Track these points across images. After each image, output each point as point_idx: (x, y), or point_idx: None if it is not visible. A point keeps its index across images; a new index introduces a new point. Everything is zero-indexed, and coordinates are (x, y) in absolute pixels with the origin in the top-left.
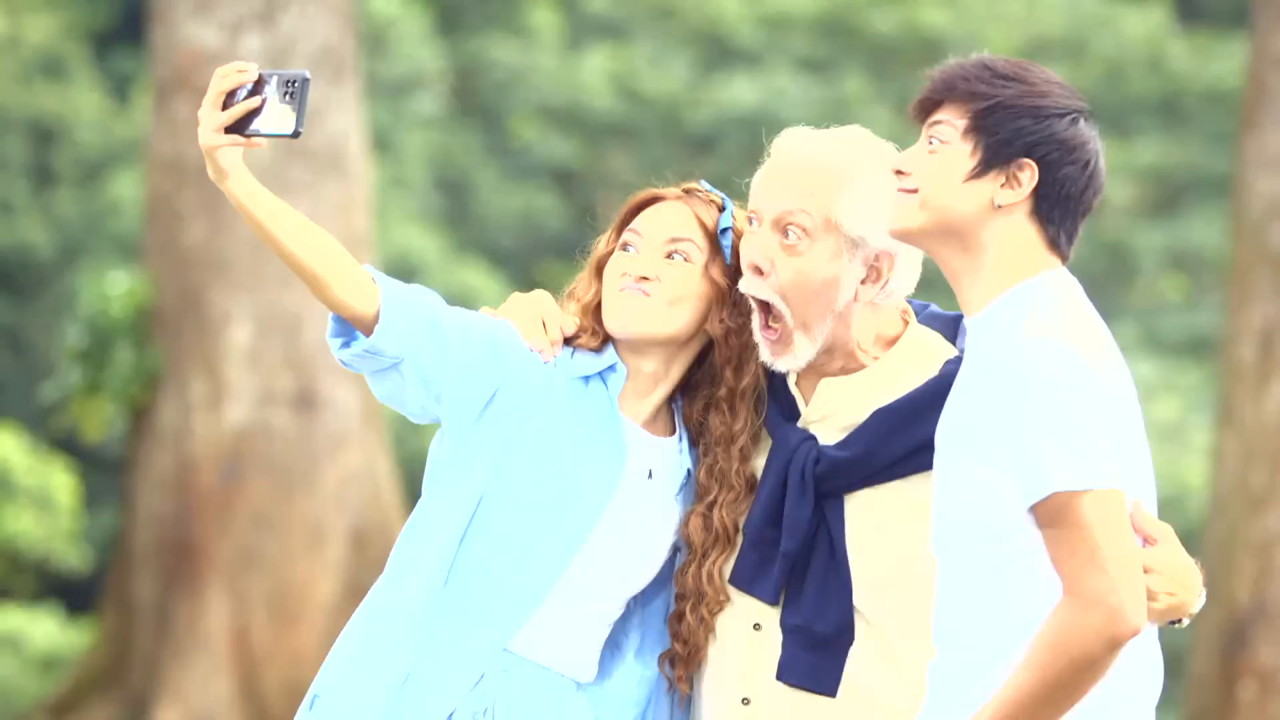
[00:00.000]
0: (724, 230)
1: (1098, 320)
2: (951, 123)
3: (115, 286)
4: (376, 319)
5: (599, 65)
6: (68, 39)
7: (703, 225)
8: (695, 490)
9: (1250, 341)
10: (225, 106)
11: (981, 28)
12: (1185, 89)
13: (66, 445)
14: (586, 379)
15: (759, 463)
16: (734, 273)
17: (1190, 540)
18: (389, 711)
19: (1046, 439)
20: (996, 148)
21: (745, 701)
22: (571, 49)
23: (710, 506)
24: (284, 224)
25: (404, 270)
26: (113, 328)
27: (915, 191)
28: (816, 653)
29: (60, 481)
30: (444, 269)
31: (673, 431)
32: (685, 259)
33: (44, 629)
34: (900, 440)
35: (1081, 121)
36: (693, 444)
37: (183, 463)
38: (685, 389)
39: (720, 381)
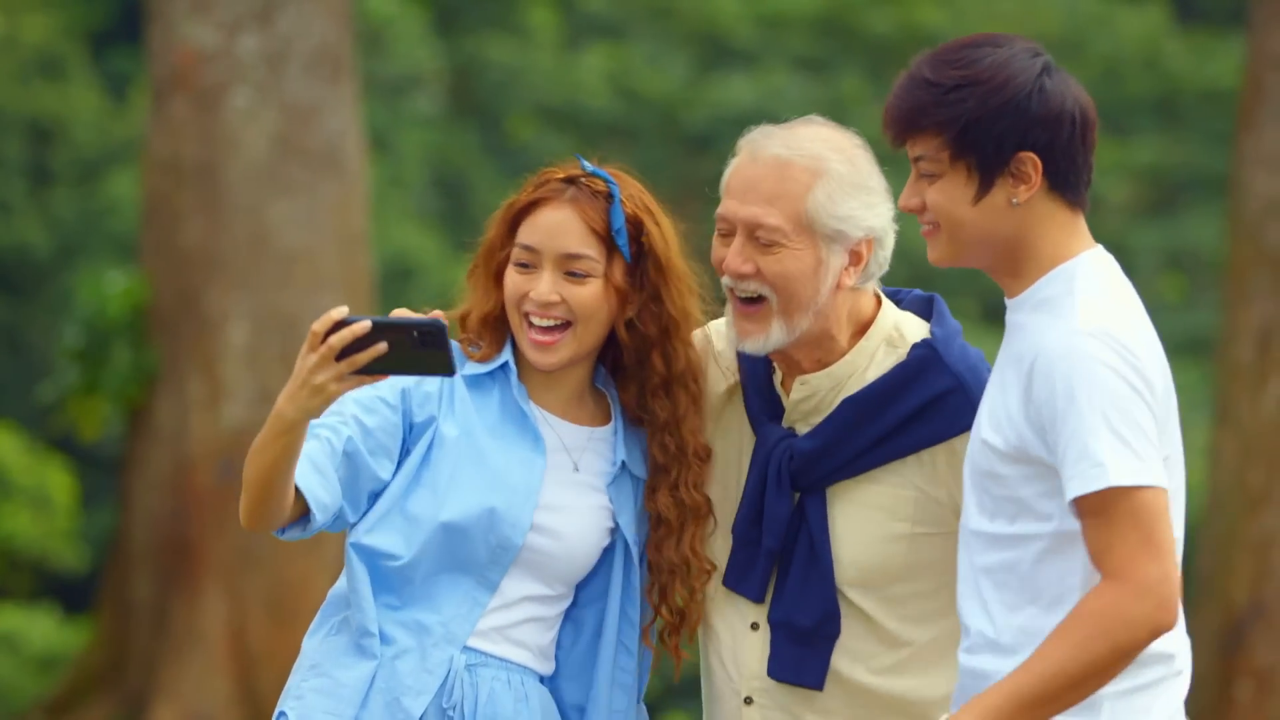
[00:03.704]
0: (618, 230)
1: (1136, 301)
2: (933, 155)
3: (112, 286)
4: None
5: (596, 65)
6: (65, 39)
7: (594, 232)
8: (652, 470)
9: (1247, 341)
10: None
11: (978, 28)
12: (1183, 88)
13: (64, 445)
14: (490, 375)
15: (714, 437)
16: (635, 261)
17: (1188, 539)
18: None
19: (1105, 432)
20: (989, 161)
21: (748, 701)
22: (569, 49)
23: (675, 485)
24: (293, 465)
25: (401, 269)
26: (110, 327)
27: (938, 225)
28: (800, 646)
29: (57, 481)
30: (441, 268)
31: (605, 420)
32: (586, 275)
33: (41, 628)
34: (869, 428)
35: (1047, 81)
36: (635, 425)
37: (180, 462)
38: (616, 375)
39: (651, 369)
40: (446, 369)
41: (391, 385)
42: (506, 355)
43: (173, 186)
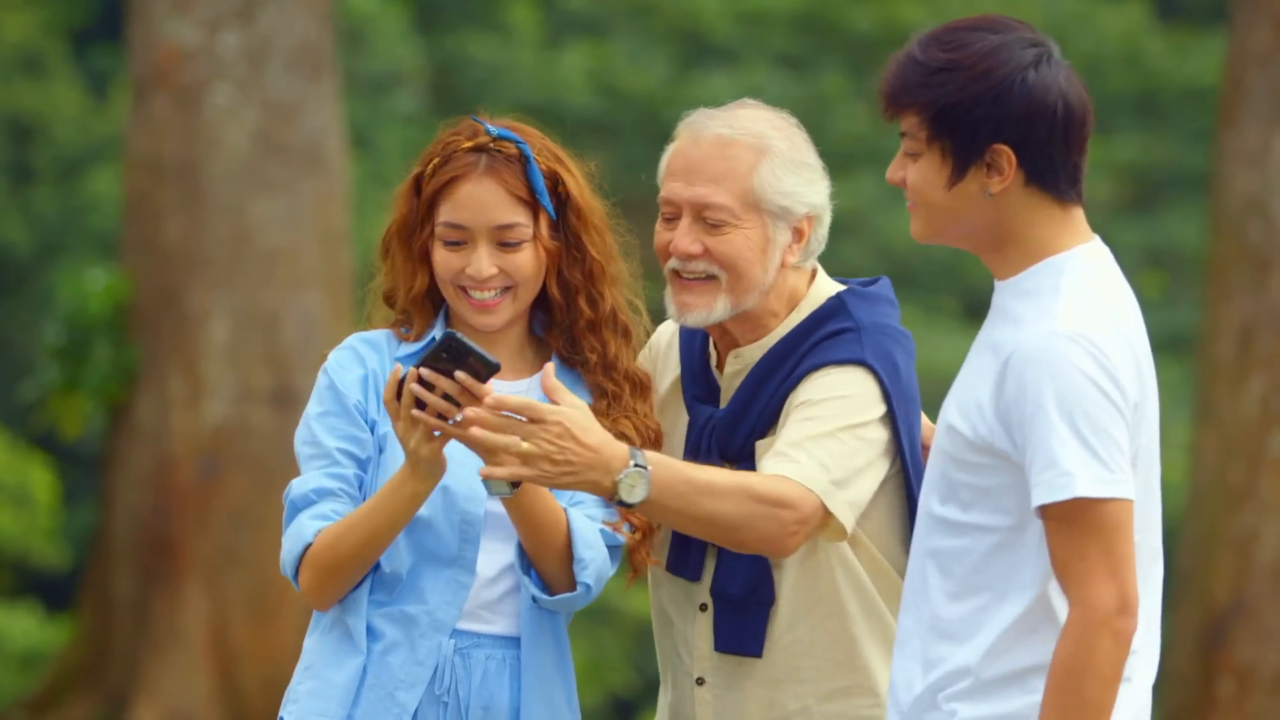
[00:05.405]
0: (540, 192)
1: (1127, 298)
2: (914, 133)
3: (93, 284)
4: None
5: (577, 62)
6: (46, 36)
7: (519, 199)
8: (599, 397)
9: (1228, 338)
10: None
11: None
12: (1163, 86)
13: (45, 442)
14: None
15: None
16: (560, 214)
17: (1169, 537)
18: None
19: (1074, 441)
20: (963, 148)
21: (700, 681)
22: (550, 46)
23: (629, 413)
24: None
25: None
26: (91, 325)
27: (917, 203)
28: (737, 615)
29: (39, 479)
30: None
31: (541, 365)
32: (519, 242)
33: (22, 626)
34: (771, 382)
35: (1032, 74)
36: (572, 367)
37: (161, 460)
38: (547, 324)
39: (578, 313)
40: (488, 363)
41: (342, 405)
42: (437, 330)
43: (153, 184)
